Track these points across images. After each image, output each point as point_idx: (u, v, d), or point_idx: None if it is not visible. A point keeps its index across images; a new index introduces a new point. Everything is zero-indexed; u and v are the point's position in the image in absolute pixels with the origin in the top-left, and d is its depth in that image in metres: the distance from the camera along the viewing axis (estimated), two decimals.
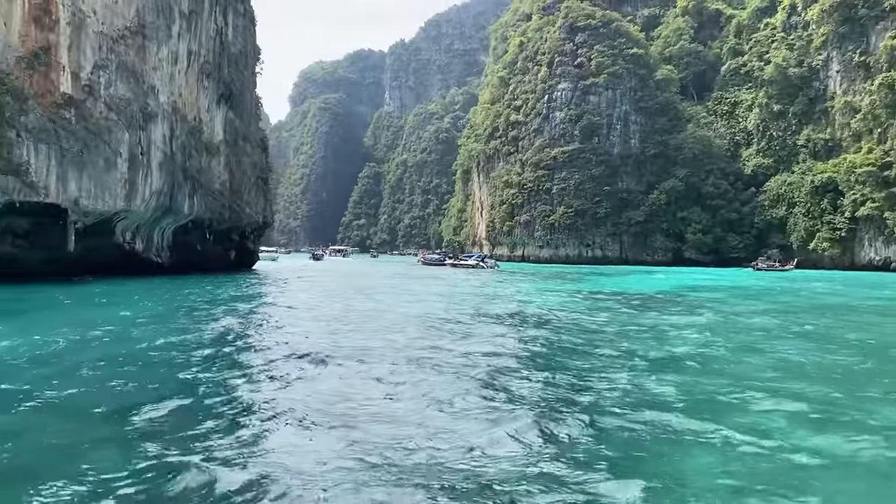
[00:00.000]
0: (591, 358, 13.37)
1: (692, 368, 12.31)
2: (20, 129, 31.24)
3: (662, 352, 14.30)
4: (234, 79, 48.47)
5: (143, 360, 12.42)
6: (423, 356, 13.10)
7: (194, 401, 9.24)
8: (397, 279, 50.55)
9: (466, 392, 9.84)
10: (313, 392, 9.85)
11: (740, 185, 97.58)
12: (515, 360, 13.01)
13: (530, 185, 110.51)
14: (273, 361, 12.51)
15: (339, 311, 24.26)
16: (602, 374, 11.51)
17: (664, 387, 10.32)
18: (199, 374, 11.10)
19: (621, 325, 20.01)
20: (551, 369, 11.98)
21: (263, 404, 9.05)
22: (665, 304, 28.85)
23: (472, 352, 13.87)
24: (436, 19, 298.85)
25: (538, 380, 10.99)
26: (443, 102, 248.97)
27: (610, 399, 9.48)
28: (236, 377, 11.04)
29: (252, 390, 10.05)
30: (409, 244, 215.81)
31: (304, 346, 14.44)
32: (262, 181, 54.57)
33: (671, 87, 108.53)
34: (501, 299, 31.40)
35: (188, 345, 14.46)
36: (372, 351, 13.81)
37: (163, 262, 43.86)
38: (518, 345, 15.48)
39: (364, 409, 8.88)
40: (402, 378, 10.93)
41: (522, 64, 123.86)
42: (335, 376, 11.11)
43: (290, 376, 11.05)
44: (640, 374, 11.44)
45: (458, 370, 11.65)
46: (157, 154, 39.73)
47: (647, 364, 12.56)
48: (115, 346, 14.23)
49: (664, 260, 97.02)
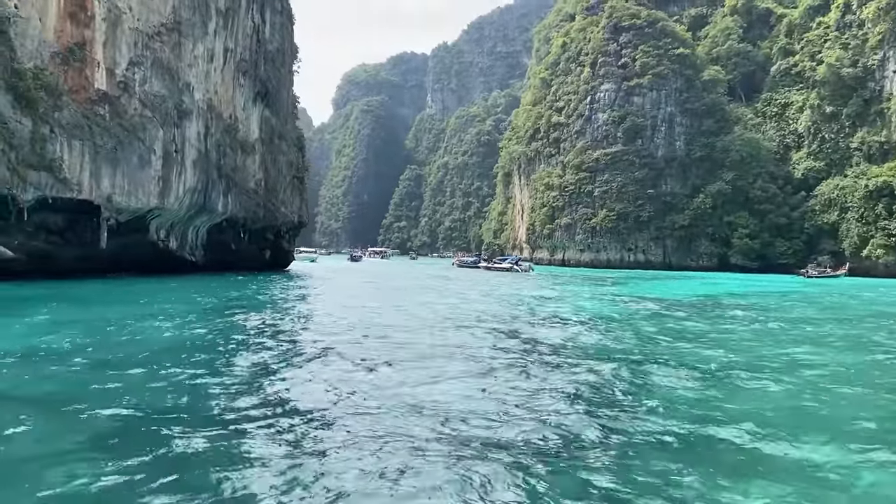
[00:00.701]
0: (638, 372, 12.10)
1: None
2: (54, 124, 31.16)
3: (714, 363, 12.95)
4: (271, 77, 48.16)
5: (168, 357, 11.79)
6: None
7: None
8: (429, 280, 49.87)
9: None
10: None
11: (790, 189, 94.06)
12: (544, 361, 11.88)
13: (571, 187, 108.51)
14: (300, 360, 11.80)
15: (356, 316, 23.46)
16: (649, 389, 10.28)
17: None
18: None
19: (662, 330, 18.63)
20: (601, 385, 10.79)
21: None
22: (712, 310, 27.22)
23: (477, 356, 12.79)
24: (478, 22, 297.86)
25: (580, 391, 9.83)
26: (485, 105, 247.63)
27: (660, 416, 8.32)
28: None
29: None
30: (450, 246, 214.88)
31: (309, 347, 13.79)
32: (298, 180, 54.15)
33: (718, 88, 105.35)
34: (530, 302, 30.11)
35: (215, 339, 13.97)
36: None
37: (197, 260, 43.69)
38: (541, 347, 14.29)
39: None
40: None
41: (565, 65, 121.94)
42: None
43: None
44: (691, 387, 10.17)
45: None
46: (191, 152, 39.50)
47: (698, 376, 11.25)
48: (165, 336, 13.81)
49: (709, 265, 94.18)
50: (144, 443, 6.72)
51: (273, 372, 10.89)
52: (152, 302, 24.00)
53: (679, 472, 6.26)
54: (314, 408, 8.54)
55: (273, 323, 18.78)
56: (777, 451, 7.00)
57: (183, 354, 12.20)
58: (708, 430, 7.71)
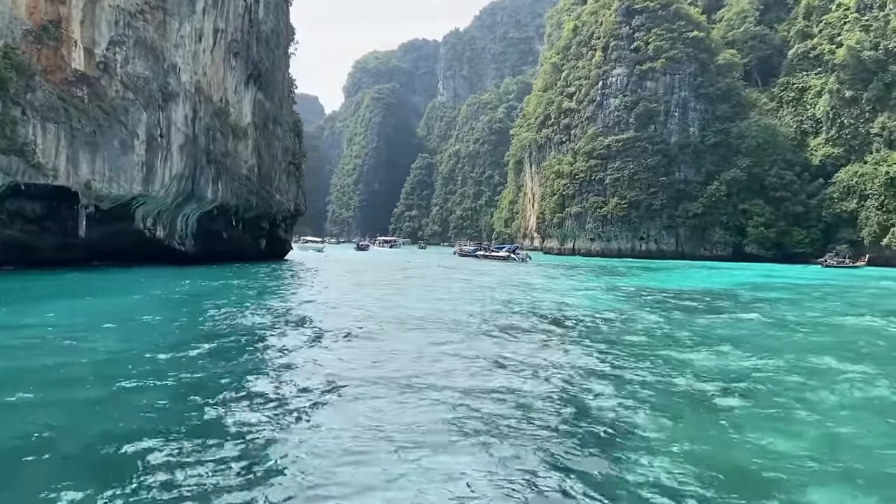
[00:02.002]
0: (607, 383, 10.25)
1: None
2: (26, 106, 29.55)
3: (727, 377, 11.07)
4: (264, 58, 46.29)
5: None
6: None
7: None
8: (419, 270, 49.00)
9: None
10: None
11: (807, 177, 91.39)
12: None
13: (582, 175, 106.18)
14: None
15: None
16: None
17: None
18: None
19: (652, 330, 16.72)
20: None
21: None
22: (723, 306, 25.20)
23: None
24: (491, 7, 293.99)
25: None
26: (497, 92, 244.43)
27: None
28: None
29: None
30: (461, 235, 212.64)
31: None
32: (295, 167, 52.33)
33: (734, 73, 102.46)
34: (508, 292, 28.22)
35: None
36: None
37: (186, 250, 42.15)
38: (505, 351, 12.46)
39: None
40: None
41: (576, 49, 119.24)
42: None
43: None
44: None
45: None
46: (177, 136, 37.84)
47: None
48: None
49: (723, 255, 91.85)
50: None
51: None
52: (111, 294, 22.41)
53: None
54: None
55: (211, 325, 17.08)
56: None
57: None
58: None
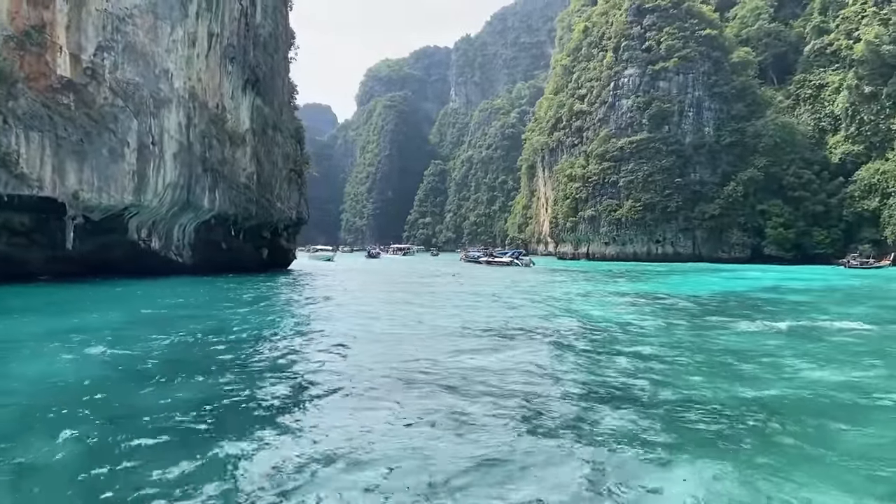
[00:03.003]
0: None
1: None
2: (7, 114, 28.50)
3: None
4: (261, 63, 45.05)
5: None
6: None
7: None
8: (418, 278, 47.52)
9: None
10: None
11: (826, 175, 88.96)
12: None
13: (595, 178, 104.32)
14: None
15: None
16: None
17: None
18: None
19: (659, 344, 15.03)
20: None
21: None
22: (747, 313, 23.42)
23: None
24: (501, 13, 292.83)
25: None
26: (509, 97, 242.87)
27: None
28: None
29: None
30: (475, 242, 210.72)
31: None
32: (296, 174, 50.98)
33: (749, 71, 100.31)
34: (488, 307, 26.56)
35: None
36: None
37: (184, 261, 40.92)
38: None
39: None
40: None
41: (587, 50, 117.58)
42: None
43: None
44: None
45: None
46: (171, 144, 36.64)
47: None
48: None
49: (742, 257, 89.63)
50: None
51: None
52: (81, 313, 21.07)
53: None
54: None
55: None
56: None
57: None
58: None
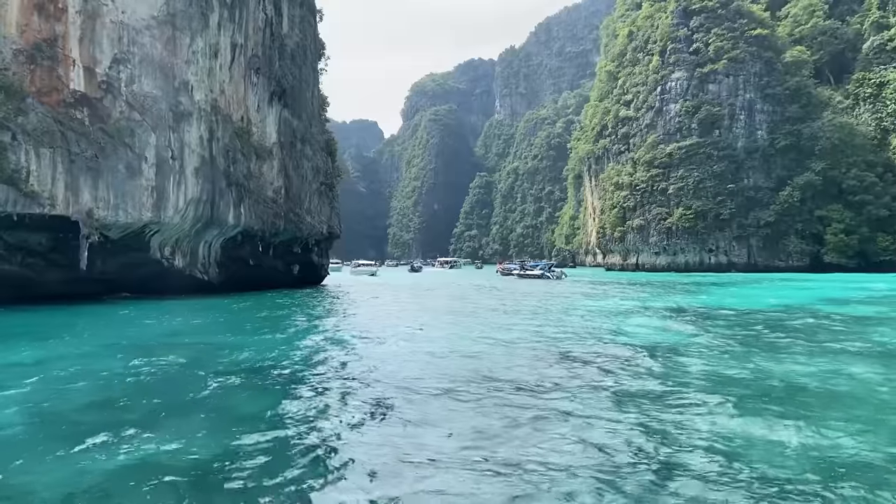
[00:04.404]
0: None
1: None
2: (16, 130, 27.46)
3: None
4: (288, 74, 43.61)
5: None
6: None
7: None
8: (444, 290, 44.60)
9: None
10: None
11: (890, 178, 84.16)
12: None
13: (643, 185, 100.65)
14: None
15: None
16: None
17: None
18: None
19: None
20: None
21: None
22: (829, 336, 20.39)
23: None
24: (546, 23, 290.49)
25: None
26: (554, 107, 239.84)
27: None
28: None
29: None
30: (522, 254, 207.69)
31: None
32: (327, 187, 49.35)
33: (803, 71, 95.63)
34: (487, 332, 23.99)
35: None
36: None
37: (210, 279, 39.53)
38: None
39: None
40: None
41: (632, 55, 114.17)
42: None
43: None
44: None
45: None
46: (192, 158, 35.31)
47: None
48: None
49: (800, 265, 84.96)
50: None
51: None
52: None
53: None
54: None
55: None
56: None
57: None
58: None
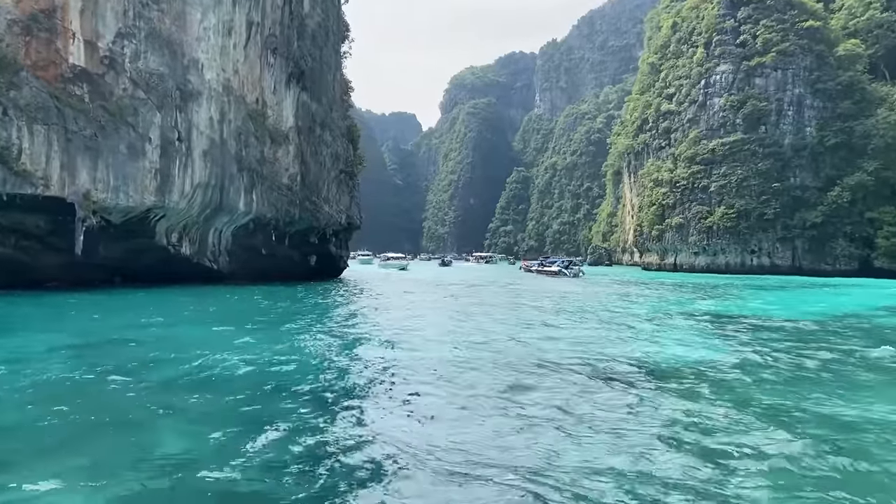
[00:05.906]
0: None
1: None
2: (8, 105, 25.90)
3: None
4: (307, 56, 41.65)
5: None
6: None
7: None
8: (464, 287, 42.28)
9: None
10: None
11: None
12: None
13: (684, 182, 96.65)
14: None
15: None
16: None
17: None
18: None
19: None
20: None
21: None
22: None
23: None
24: (589, 16, 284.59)
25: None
26: (596, 102, 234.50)
27: None
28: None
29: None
30: (558, 251, 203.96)
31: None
32: (347, 175, 47.32)
33: (857, 65, 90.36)
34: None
35: None
36: None
37: (219, 267, 37.87)
38: None
39: None
40: None
41: (675, 47, 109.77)
42: None
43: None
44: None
45: None
46: (200, 140, 33.57)
47: None
48: None
49: (848, 269, 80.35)
50: None
51: None
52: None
53: None
54: None
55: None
56: None
57: None
58: None
